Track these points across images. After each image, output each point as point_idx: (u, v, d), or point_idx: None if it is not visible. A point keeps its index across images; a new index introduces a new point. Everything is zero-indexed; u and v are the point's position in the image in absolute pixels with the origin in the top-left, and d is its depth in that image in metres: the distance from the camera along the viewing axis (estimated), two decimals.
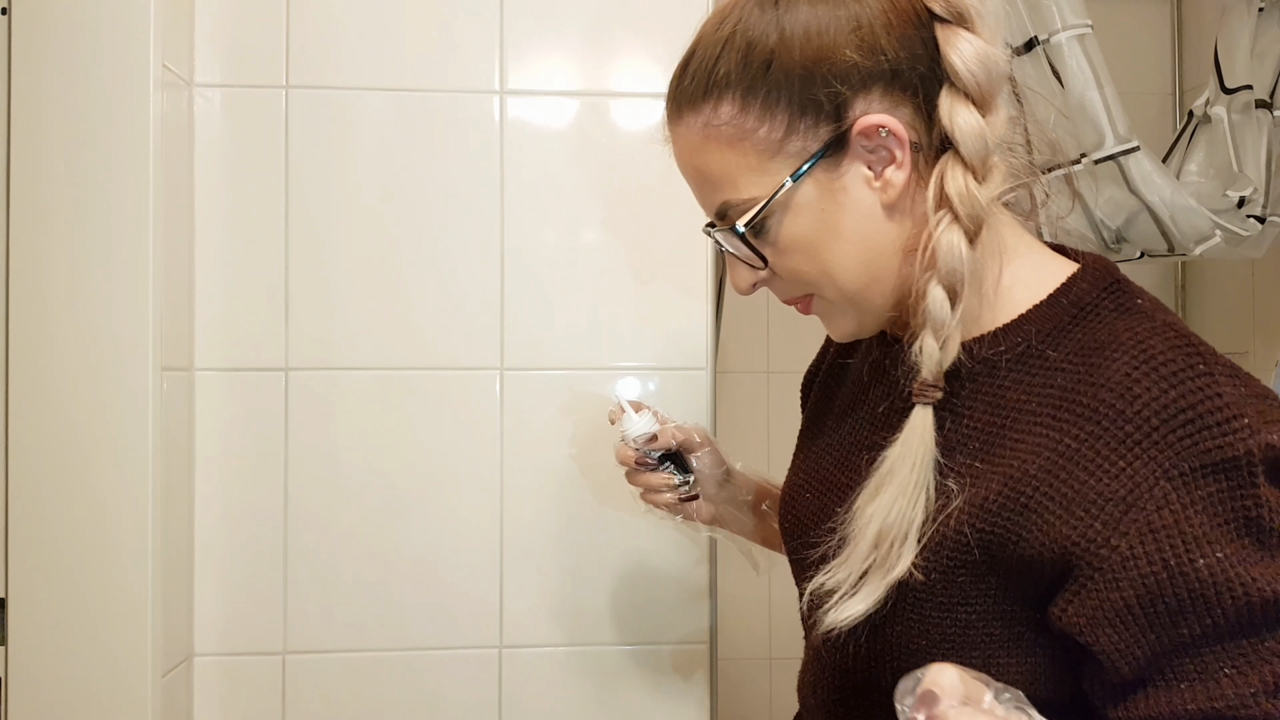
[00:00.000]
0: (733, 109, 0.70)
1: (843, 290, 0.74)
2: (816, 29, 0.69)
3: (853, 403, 0.86)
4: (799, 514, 0.87)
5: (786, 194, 0.70)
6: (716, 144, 0.72)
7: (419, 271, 1.24)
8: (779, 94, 0.69)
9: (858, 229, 0.71)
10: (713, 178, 0.74)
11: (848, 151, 0.70)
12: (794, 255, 0.73)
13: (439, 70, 1.24)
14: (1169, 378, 0.64)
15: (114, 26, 1.08)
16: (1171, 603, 0.61)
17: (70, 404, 1.08)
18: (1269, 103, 1.72)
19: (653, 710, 1.25)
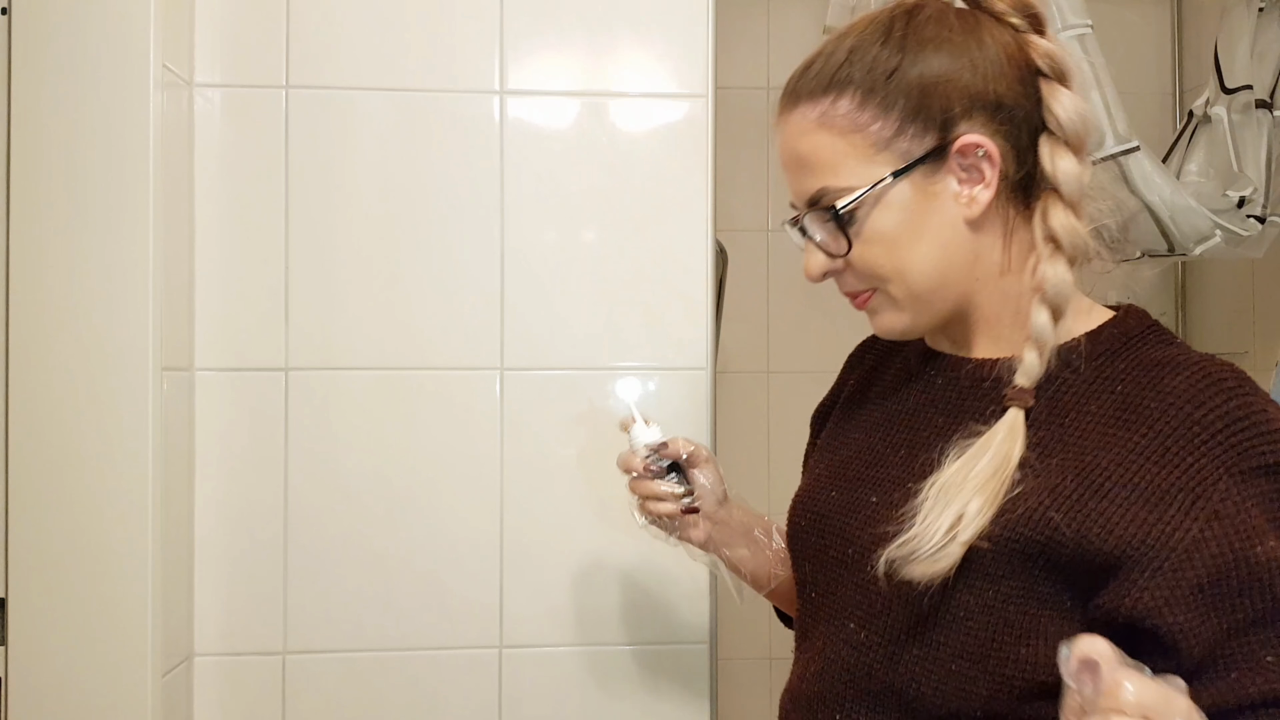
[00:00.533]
0: (851, 104, 0.79)
1: (911, 288, 0.81)
2: (938, 55, 0.79)
3: (885, 417, 0.91)
4: (821, 510, 0.90)
5: (884, 188, 0.78)
6: (829, 132, 0.79)
7: (419, 271, 1.24)
8: (895, 98, 0.78)
9: (938, 235, 0.80)
10: (816, 163, 0.80)
11: (945, 163, 0.79)
12: (875, 247, 0.80)
13: (439, 70, 1.24)
14: (1228, 391, 0.73)
15: (114, 26, 1.08)
16: (1234, 584, 0.68)
17: (70, 404, 1.08)
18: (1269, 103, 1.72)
19: (653, 710, 1.25)
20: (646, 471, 1.00)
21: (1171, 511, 0.70)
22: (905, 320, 0.83)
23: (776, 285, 2.16)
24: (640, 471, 1.01)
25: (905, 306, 0.82)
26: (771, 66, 2.17)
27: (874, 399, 0.94)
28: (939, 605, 0.77)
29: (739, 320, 2.11)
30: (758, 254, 2.16)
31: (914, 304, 0.82)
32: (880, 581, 0.78)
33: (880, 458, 0.88)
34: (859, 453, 0.91)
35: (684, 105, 1.26)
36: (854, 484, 0.88)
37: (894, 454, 0.86)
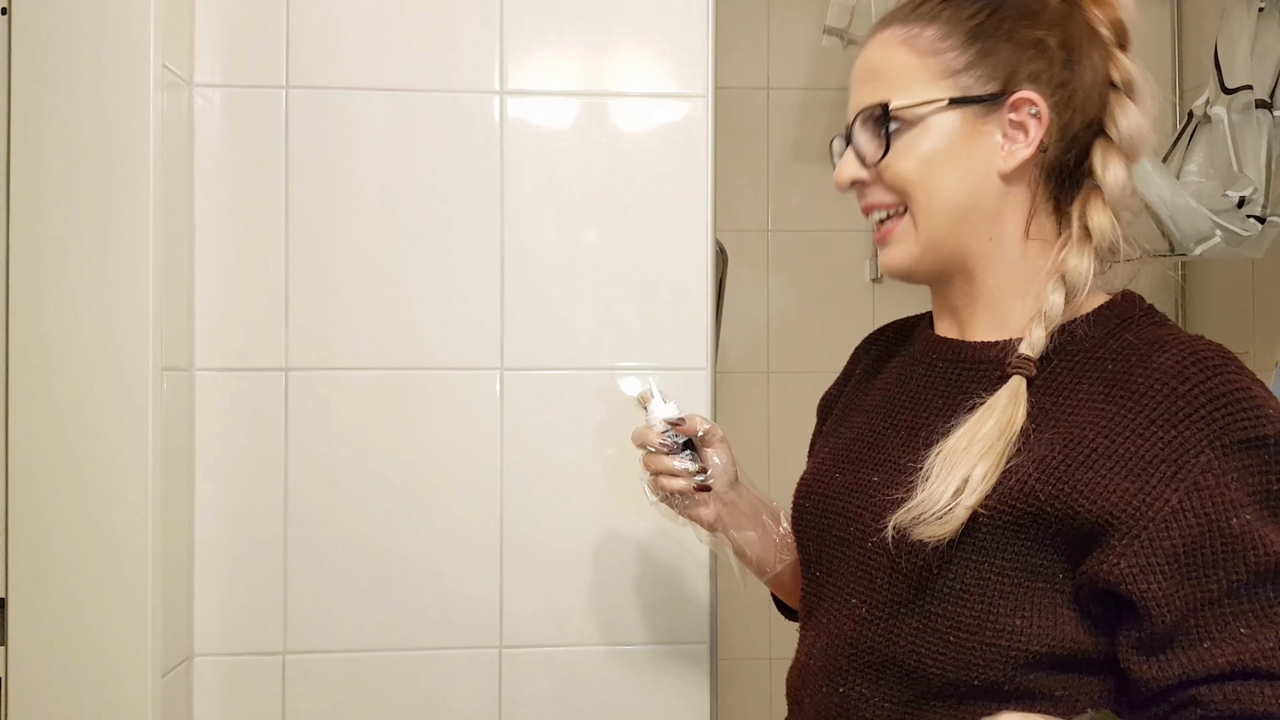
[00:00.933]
0: (936, 34, 0.84)
1: (929, 214, 0.85)
2: (1026, 21, 0.84)
3: (887, 400, 0.94)
4: (825, 491, 0.92)
5: (937, 108, 0.83)
6: (908, 50, 0.85)
7: (419, 271, 1.24)
8: (975, 40, 0.83)
9: (969, 173, 0.84)
10: (887, 75, 0.85)
11: (998, 112, 0.83)
12: (909, 162, 0.84)
13: (439, 70, 1.24)
14: (1212, 369, 0.75)
15: (114, 26, 1.08)
16: (1208, 554, 0.71)
17: (70, 404, 1.08)
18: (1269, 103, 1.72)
19: (653, 710, 1.25)
20: (661, 447, 1.01)
21: (1153, 482, 0.73)
22: (915, 252, 0.86)
23: (776, 285, 2.16)
24: (655, 447, 1.02)
25: (921, 230, 0.85)
26: (771, 66, 2.17)
27: (878, 386, 0.97)
28: (937, 579, 0.80)
29: (739, 320, 2.11)
30: (758, 254, 2.16)
31: (929, 234, 0.85)
32: (886, 553, 0.82)
33: (881, 439, 0.90)
34: (861, 435, 0.93)
35: (684, 105, 1.26)
36: (856, 465, 0.91)
37: (895, 435, 0.89)
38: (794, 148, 2.17)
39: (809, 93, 2.17)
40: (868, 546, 0.85)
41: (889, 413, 0.92)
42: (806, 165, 2.17)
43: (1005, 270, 0.86)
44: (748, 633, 2.15)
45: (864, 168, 0.87)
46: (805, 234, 2.17)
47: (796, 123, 2.17)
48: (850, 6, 1.77)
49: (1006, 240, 0.85)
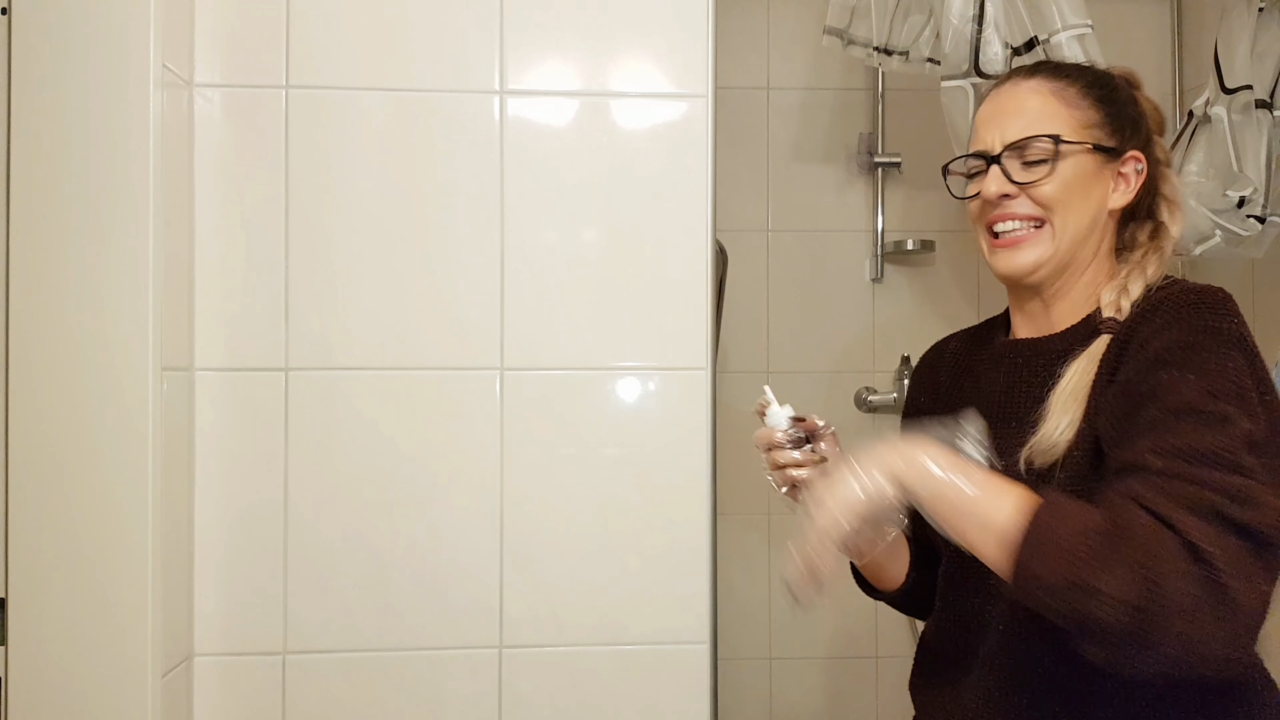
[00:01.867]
0: (1076, 91, 1.07)
1: (1066, 227, 1.05)
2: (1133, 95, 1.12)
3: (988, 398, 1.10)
4: None
5: (1084, 150, 1.05)
6: (1058, 100, 1.07)
7: (419, 271, 1.24)
8: (1106, 103, 1.07)
9: (1093, 204, 1.06)
10: (1041, 115, 1.06)
11: (1114, 163, 1.07)
12: (1059, 186, 1.04)
13: (439, 70, 1.24)
14: (1198, 291, 0.96)
15: (114, 26, 1.08)
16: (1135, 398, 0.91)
17: (70, 404, 1.08)
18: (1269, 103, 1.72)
19: (653, 710, 1.25)
20: (786, 443, 1.11)
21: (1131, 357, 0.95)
22: (1047, 254, 1.05)
23: (776, 285, 2.16)
24: (780, 443, 1.11)
25: (1056, 243, 1.05)
26: (771, 66, 2.17)
27: (969, 389, 1.14)
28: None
29: (739, 320, 2.11)
30: (758, 254, 2.16)
31: (1061, 243, 1.05)
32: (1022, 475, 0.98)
33: (994, 430, 1.03)
34: None
35: (684, 105, 1.26)
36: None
37: (1004, 427, 1.05)
38: (794, 148, 2.17)
39: (809, 93, 2.17)
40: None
41: (993, 407, 1.08)
42: (806, 165, 2.17)
43: (1090, 276, 1.07)
44: (748, 633, 2.15)
45: (1010, 184, 1.05)
46: (805, 234, 2.17)
47: (796, 123, 2.17)
48: (850, 6, 1.76)
49: (1101, 254, 1.08)
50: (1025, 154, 1.05)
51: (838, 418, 2.12)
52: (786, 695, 2.17)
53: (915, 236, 2.13)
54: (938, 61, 1.69)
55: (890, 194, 2.16)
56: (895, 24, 1.75)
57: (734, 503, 2.09)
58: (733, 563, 2.09)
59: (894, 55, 1.76)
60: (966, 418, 1.11)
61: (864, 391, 2.15)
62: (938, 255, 2.15)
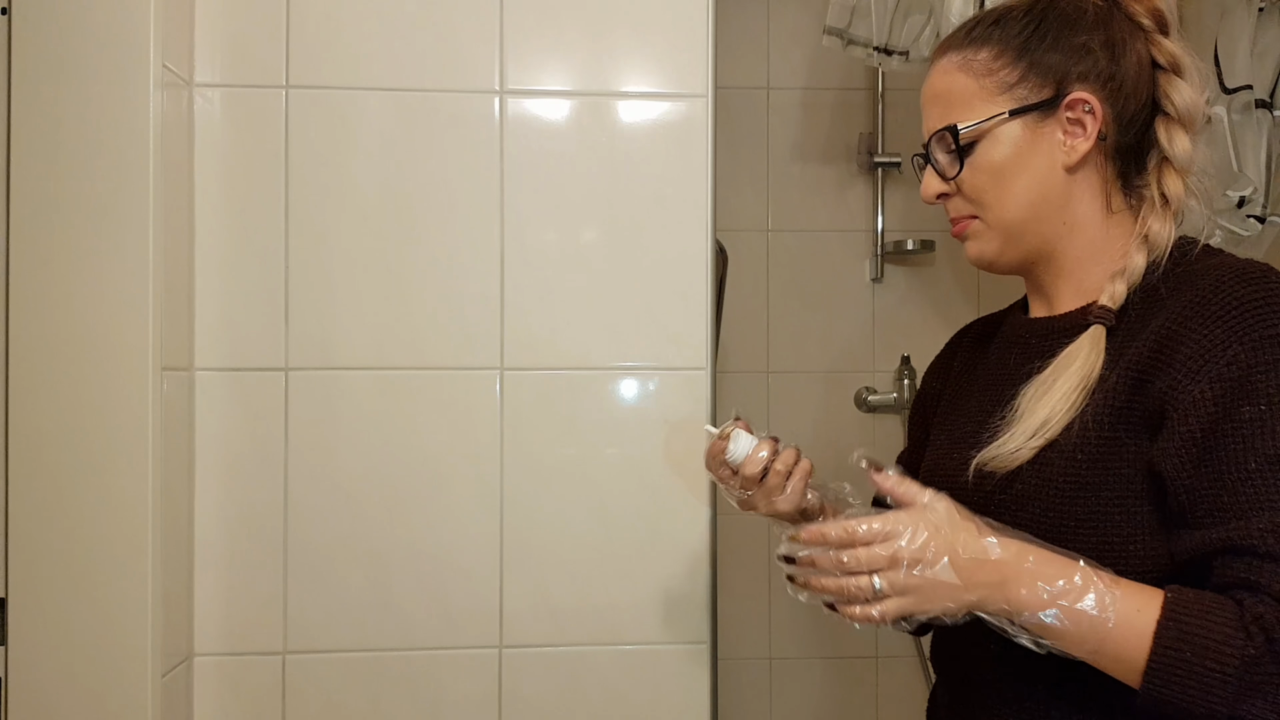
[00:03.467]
0: (989, 55, 0.94)
1: (1003, 217, 0.94)
2: (1069, 28, 0.93)
3: (990, 382, 1.01)
4: (947, 470, 0.99)
5: (999, 122, 0.92)
6: (966, 74, 0.94)
7: (419, 271, 1.24)
8: (1025, 54, 0.93)
9: (1036, 173, 0.93)
10: (950, 99, 0.95)
11: (1054, 114, 0.92)
12: (983, 175, 0.94)
13: (439, 70, 1.24)
14: (1249, 279, 0.83)
15: (114, 26, 1.08)
16: (1219, 439, 0.79)
17: (70, 404, 1.08)
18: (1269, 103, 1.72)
19: (653, 710, 1.25)
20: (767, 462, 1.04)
21: (1180, 376, 0.81)
22: (994, 248, 0.96)
23: (776, 285, 2.16)
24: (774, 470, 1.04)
25: (996, 235, 0.95)
26: (771, 66, 2.17)
27: (980, 373, 1.05)
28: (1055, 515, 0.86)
29: (739, 320, 2.11)
30: (758, 254, 2.16)
31: (1004, 233, 0.95)
32: (1007, 514, 0.87)
33: (988, 415, 0.96)
34: (970, 416, 1.01)
35: (684, 105, 1.26)
36: (967, 443, 0.96)
37: (998, 410, 0.95)
38: (794, 148, 2.17)
39: (809, 93, 2.17)
40: (973, 495, 0.91)
41: (993, 391, 0.99)
42: (806, 165, 2.17)
43: (1084, 245, 0.95)
44: (748, 633, 2.15)
45: (944, 182, 0.96)
46: (805, 234, 2.17)
47: (796, 123, 2.17)
48: (850, 6, 1.76)
49: (1081, 220, 0.94)
50: (943, 149, 0.96)
51: (838, 418, 2.14)
52: (786, 695, 2.17)
53: (915, 236, 2.13)
54: None
55: (890, 194, 2.16)
56: (895, 24, 1.75)
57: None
58: (733, 563, 2.09)
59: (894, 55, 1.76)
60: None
61: (864, 391, 2.15)
62: (938, 255, 2.15)
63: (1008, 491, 0.89)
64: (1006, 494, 0.89)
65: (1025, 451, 0.87)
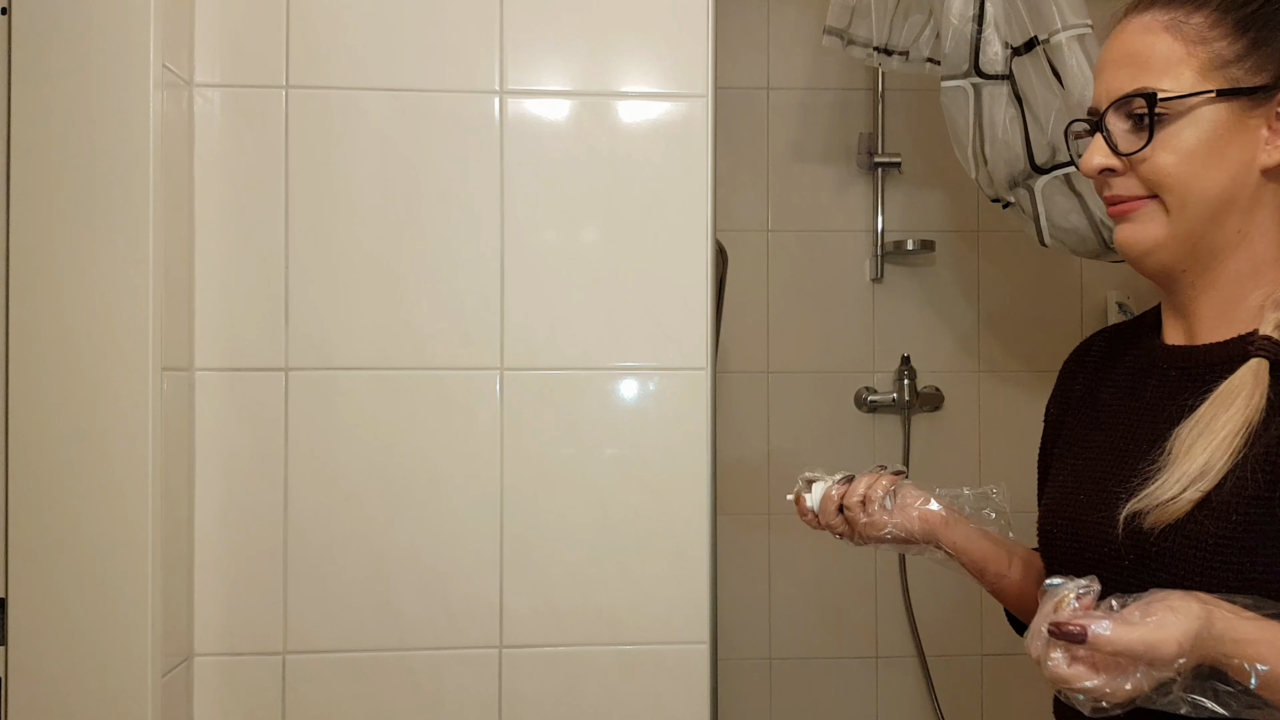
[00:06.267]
0: (1205, 19, 0.81)
1: (1187, 205, 0.82)
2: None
3: (1124, 415, 0.92)
4: (1073, 514, 0.91)
5: (1204, 100, 0.80)
6: (1174, 37, 0.82)
7: (419, 271, 1.24)
8: (1247, 28, 0.81)
9: (1231, 167, 0.81)
10: (1149, 62, 0.82)
11: (1267, 104, 0.81)
12: (1171, 155, 0.82)
13: (439, 70, 1.24)
14: None
15: (114, 26, 1.08)
16: None
17: (70, 404, 1.08)
18: None
19: (653, 710, 1.25)
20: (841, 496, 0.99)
21: None
22: (1163, 235, 0.84)
23: (776, 285, 2.16)
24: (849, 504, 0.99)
25: (1173, 222, 0.83)
26: (771, 66, 2.17)
27: (1106, 401, 0.95)
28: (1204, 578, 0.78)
29: (739, 320, 2.11)
30: (758, 254, 2.16)
31: (1181, 222, 0.83)
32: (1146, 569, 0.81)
33: (1124, 455, 0.88)
34: (1102, 453, 0.91)
35: (684, 105, 1.26)
36: (1101, 483, 0.89)
37: (1137, 448, 0.87)
38: (794, 148, 2.17)
39: (809, 93, 2.17)
40: (1124, 565, 0.83)
41: (1128, 427, 0.90)
42: (806, 165, 2.17)
43: (1250, 260, 0.84)
44: (748, 633, 2.15)
45: (1115, 156, 0.84)
46: (805, 234, 2.17)
47: (796, 123, 2.17)
48: (850, 6, 1.76)
49: (1255, 232, 0.84)
50: (1127, 117, 0.83)
51: (838, 418, 2.14)
52: (786, 695, 2.17)
53: (915, 236, 2.13)
54: (938, 61, 1.69)
55: (890, 194, 2.16)
56: (895, 24, 1.75)
57: (734, 503, 2.09)
58: (733, 563, 2.09)
59: (894, 55, 1.76)
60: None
61: (864, 391, 2.15)
62: (938, 255, 2.15)
63: (1160, 545, 0.81)
64: (1159, 546, 0.81)
65: (1182, 502, 0.78)
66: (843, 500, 1.00)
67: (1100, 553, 0.87)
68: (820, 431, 2.15)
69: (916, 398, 2.13)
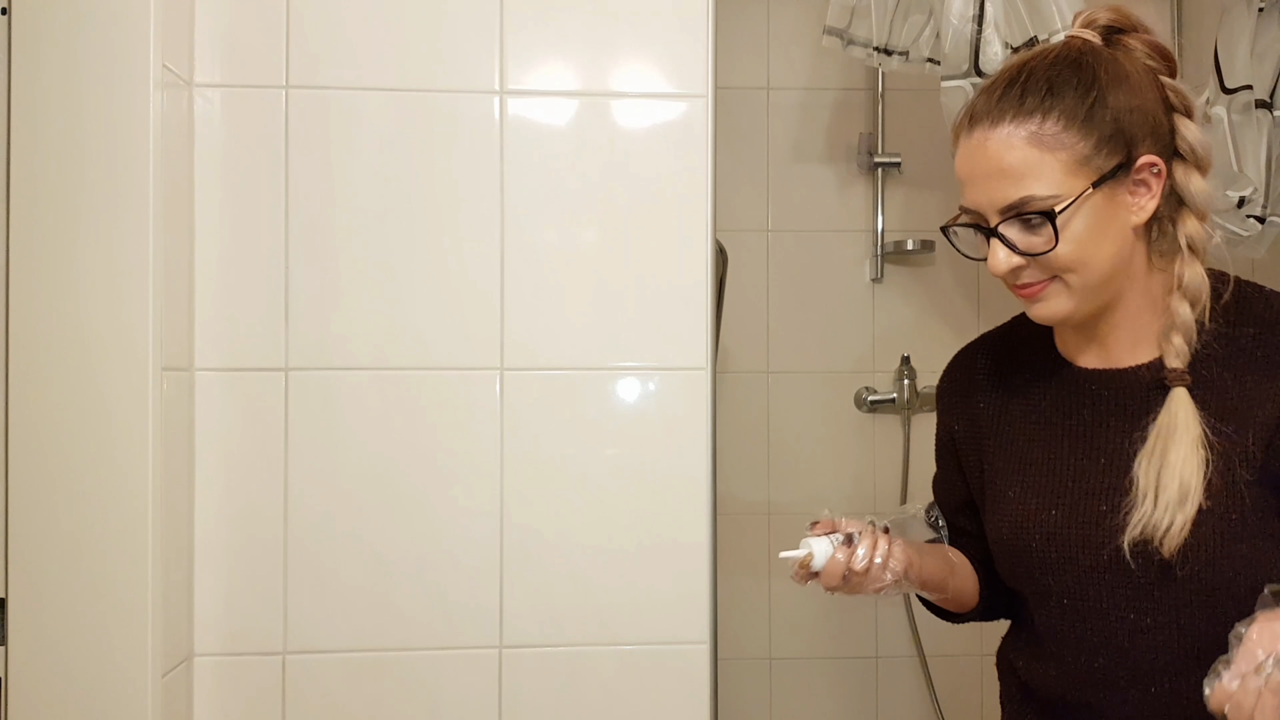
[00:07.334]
0: (1057, 126, 0.93)
1: (1087, 280, 0.96)
2: (1124, 90, 0.95)
3: (1063, 434, 1.04)
4: (1050, 528, 1.02)
5: (1086, 196, 0.93)
6: (1037, 148, 0.93)
7: (419, 271, 1.24)
8: (1095, 124, 0.93)
9: (1115, 237, 0.95)
10: (1024, 173, 0.94)
11: (1125, 178, 0.94)
12: (1070, 245, 0.94)
13: (439, 70, 1.24)
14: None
15: (114, 26, 1.08)
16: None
17: (70, 404, 1.08)
18: (1269, 103, 1.72)
19: (653, 710, 1.25)
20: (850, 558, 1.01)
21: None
22: (1071, 307, 0.97)
23: (776, 285, 2.16)
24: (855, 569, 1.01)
25: (1076, 295, 0.96)
26: (771, 66, 2.17)
27: (1034, 422, 1.06)
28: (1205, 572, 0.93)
29: (739, 320, 2.11)
30: (758, 254, 2.16)
31: (1084, 293, 0.96)
32: (1155, 567, 0.94)
33: (1083, 471, 1.01)
34: (1057, 471, 1.03)
35: (684, 105, 1.26)
36: (1073, 498, 1.01)
37: (1094, 464, 1.00)
38: (794, 148, 2.17)
39: (809, 93, 2.17)
40: (1135, 570, 0.96)
41: (1074, 446, 1.02)
42: (806, 165, 2.17)
43: (1139, 296, 0.99)
44: (748, 633, 2.15)
45: (1017, 255, 0.95)
46: (805, 234, 2.17)
47: (796, 123, 2.17)
48: (850, 6, 1.77)
49: (1136, 273, 0.99)
50: (1024, 225, 0.95)
51: (838, 418, 2.14)
52: (786, 695, 2.17)
53: (915, 236, 2.13)
54: (938, 61, 1.69)
55: (890, 194, 2.16)
56: (895, 24, 1.75)
57: (734, 503, 2.09)
58: (733, 563, 2.09)
59: (894, 55, 1.76)
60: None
61: (864, 391, 2.15)
62: (938, 255, 2.15)
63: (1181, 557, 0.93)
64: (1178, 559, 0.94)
65: (1180, 523, 0.91)
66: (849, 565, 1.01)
67: (1098, 559, 0.98)
68: (820, 431, 2.15)
69: (916, 398, 2.13)
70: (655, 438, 1.26)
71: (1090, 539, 0.99)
